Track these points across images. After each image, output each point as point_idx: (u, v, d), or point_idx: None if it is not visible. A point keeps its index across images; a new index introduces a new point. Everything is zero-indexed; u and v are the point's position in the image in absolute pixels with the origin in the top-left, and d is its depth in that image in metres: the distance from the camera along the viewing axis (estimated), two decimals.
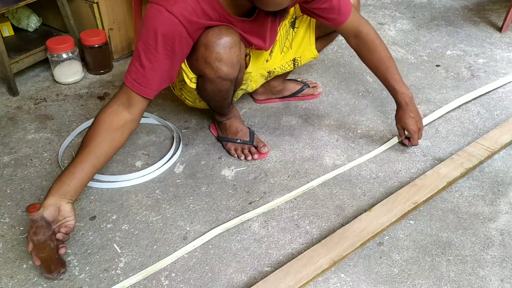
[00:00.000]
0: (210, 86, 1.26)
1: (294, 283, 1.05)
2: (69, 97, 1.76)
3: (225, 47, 1.15)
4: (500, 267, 1.14)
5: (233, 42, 1.16)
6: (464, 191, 1.35)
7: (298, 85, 1.73)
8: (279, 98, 1.72)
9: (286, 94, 1.71)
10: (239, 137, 1.47)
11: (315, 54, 1.52)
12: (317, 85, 1.77)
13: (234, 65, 1.20)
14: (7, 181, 1.38)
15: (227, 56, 1.17)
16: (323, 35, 1.50)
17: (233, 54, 1.18)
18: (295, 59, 1.51)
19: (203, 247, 1.19)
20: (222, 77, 1.21)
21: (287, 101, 1.73)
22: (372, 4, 2.54)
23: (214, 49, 1.15)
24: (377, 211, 1.23)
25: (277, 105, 1.72)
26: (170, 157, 1.44)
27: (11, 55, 1.74)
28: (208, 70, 1.19)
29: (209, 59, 1.17)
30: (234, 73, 1.22)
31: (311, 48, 1.50)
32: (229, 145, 1.47)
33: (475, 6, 2.49)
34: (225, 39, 1.15)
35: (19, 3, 1.67)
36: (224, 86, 1.25)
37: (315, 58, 1.53)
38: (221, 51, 1.15)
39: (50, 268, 1.08)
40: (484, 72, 1.91)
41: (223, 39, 1.14)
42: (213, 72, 1.19)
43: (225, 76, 1.21)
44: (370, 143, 1.54)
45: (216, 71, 1.19)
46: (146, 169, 1.39)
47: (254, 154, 1.45)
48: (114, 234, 1.22)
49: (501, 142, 1.47)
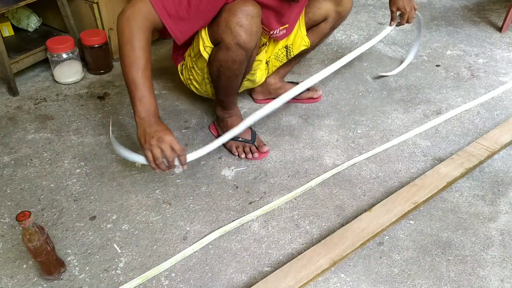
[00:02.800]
0: (224, 55, 1.25)
1: (294, 283, 1.05)
2: (69, 97, 1.76)
3: (247, 14, 1.18)
4: (500, 267, 1.14)
5: (256, 12, 1.20)
6: (464, 191, 1.35)
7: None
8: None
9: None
10: (241, 135, 1.46)
11: (306, 42, 1.53)
12: (317, 89, 1.76)
13: (253, 35, 1.22)
14: (7, 181, 1.38)
15: (248, 23, 1.19)
16: (312, 22, 1.52)
17: (254, 23, 1.20)
18: (287, 46, 1.52)
19: (203, 247, 1.19)
20: (240, 43, 1.21)
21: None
22: (372, 4, 2.54)
23: (237, 14, 1.18)
24: (377, 211, 1.23)
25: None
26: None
27: (11, 55, 1.74)
28: (227, 35, 1.20)
29: (231, 23, 1.18)
30: (251, 42, 1.23)
31: (302, 35, 1.51)
32: (231, 143, 1.47)
33: (475, 6, 2.49)
34: (249, 8, 1.18)
35: (19, 3, 1.67)
36: (238, 56, 1.25)
37: (307, 46, 1.54)
38: (243, 17, 1.18)
39: (50, 270, 1.08)
40: (484, 72, 1.91)
41: (248, 7, 1.18)
42: (232, 37, 1.20)
43: (243, 43, 1.21)
44: (370, 143, 1.54)
45: (235, 36, 1.20)
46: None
47: (254, 153, 1.45)
48: (114, 234, 1.22)
49: (501, 142, 1.47)
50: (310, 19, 1.51)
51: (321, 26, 1.54)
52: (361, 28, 2.28)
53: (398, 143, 1.53)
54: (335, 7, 1.50)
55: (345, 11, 1.53)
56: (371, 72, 1.92)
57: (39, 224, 1.03)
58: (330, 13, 1.51)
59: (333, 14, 1.51)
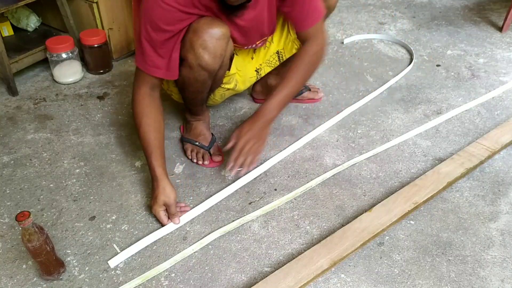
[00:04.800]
0: (188, 73, 1.24)
1: (294, 283, 1.04)
2: (68, 97, 1.76)
3: (212, 36, 1.16)
4: (501, 268, 1.13)
5: (221, 35, 1.17)
6: (464, 191, 1.35)
7: None
8: None
9: None
10: (199, 140, 1.46)
11: (297, 45, 1.48)
12: (318, 89, 1.75)
13: (217, 57, 1.20)
14: (7, 181, 1.38)
15: (212, 46, 1.17)
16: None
17: (218, 46, 1.18)
18: (278, 52, 1.49)
19: (203, 247, 1.18)
20: (202, 65, 1.20)
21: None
22: (372, 3, 2.54)
23: (202, 36, 1.15)
24: (377, 211, 1.23)
25: None
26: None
27: (11, 55, 1.74)
28: (190, 55, 1.19)
29: (194, 44, 1.17)
30: (214, 65, 1.21)
31: (292, 39, 1.46)
32: (187, 146, 1.47)
33: (476, 6, 2.49)
34: (215, 30, 1.16)
35: (19, 2, 1.67)
36: (201, 76, 1.24)
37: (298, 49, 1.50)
38: (207, 40, 1.16)
39: (49, 270, 1.08)
40: (484, 72, 1.91)
41: (213, 29, 1.16)
42: (195, 58, 1.19)
43: (205, 65, 1.20)
44: (370, 143, 1.54)
45: (197, 57, 1.18)
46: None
47: (205, 161, 1.43)
48: (113, 234, 1.22)
49: (502, 142, 1.47)
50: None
51: None
52: (361, 27, 2.28)
53: (399, 143, 1.53)
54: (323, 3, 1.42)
55: (333, 4, 1.46)
56: (371, 72, 1.92)
57: (38, 224, 1.02)
58: None
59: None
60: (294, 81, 1.29)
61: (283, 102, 1.29)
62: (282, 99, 1.28)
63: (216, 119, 1.64)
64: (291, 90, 1.29)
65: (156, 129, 1.24)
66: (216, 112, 1.67)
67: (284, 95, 1.28)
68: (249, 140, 1.25)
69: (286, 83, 1.28)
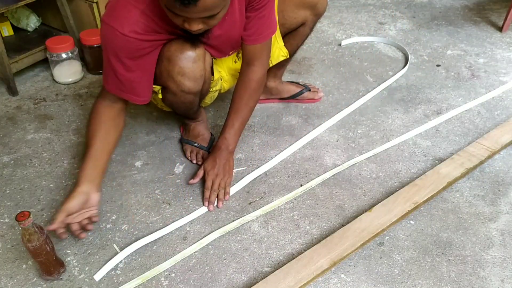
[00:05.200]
0: (173, 98, 1.25)
1: (294, 283, 1.04)
2: (68, 97, 1.76)
3: (188, 61, 1.14)
4: (501, 268, 1.13)
5: (196, 56, 1.15)
6: (464, 191, 1.35)
7: (298, 87, 1.70)
8: (278, 99, 1.71)
9: (284, 96, 1.70)
10: (198, 141, 1.47)
11: (285, 53, 1.47)
12: (318, 90, 1.74)
13: (198, 80, 1.18)
14: (7, 181, 1.38)
15: (189, 71, 1.15)
16: (289, 31, 1.45)
17: (196, 69, 1.16)
18: None
19: (203, 247, 1.18)
20: (185, 91, 1.19)
21: (286, 102, 1.72)
22: (372, 3, 2.54)
23: (177, 63, 1.13)
24: (377, 211, 1.23)
25: (277, 105, 1.71)
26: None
27: (11, 55, 1.74)
28: (170, 84, 1.18)
29: (172, 73, 1.15)
30: (197, 87, 1.21)
31: (280, 46, 1.45)
32: (186, 147, 1.47)
33: (476, 5, 2.49)
34: (189, 53, 1.13)
35: (19, 2, 1.67)
36: (187, 99, 1.24)
37: (285, 57, 1.48)
38: (184, 65, 1.14)
39: (49, 270, 1.08)
40: (484, 72, 1.91)
41: (186, 53, 1.13)
42: (176, 86, 1.18)
43: (187, 90, 1.19)
44: (370, 143, 1.54)
45: (178, 85, 1.17)
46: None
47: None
48: (114, 234, 1.22)
49: (502, 142, 1.47)
50: (287, 28, 1.44)
51: (300, 30, 1.46)
52: (361, 28, 2.28)
53: (399, 143, 1.53)
54: (311, 11, 1.42)
55: (322, 10, 1.44)
56: (371, 72, 1.92)
57: (38, 224, 1.02)
58: (307, 18, 1.43)
59: (310, 17, 1.43)
60: (245, 110, 1.34)
61: (239, 131, 1.35)
62: (238, 129, 1.34)
63: (216, 119, 1.64)
64: (244, 119, 1.35)
65: (102, 137, 1.18)
66: (216, 112, 1.67)
67: (239, 125, 1.34)
68: (215, 177, 1.30)
69: (239, 113, 1.33)
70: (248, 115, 1.36)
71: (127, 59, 1.09)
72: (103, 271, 1.12)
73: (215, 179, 1.31)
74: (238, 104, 1.33)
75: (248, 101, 1.33)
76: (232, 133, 1.33)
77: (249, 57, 1.28)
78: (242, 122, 1.35)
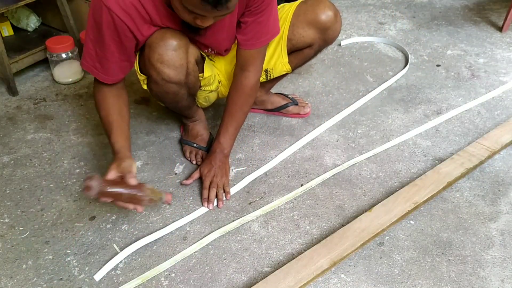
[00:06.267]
0: (156, 88, 1.24)
1: (294, 283, 1.04)
2: (68, 97, 1.76)
3: (168, 49, 1.14)
4: (501, 268, 1.13)
5: (177, 45, 1.14)
6: (464, 191, 1.35)
7: (284, 100, 1.63)
8: (262, 110, 1.65)
9: (268, 108, 1.63)
10: (197, 141, 1.46)
11: (287, 68, 1.43)
12: (307, 104, 1.65)
13: (178, 68, 1.18)
14: (7, 181, 1.38)
15: (169, 58, 1.15)
16: (295, 49, 1.41)
17: (175, 57, 1.15)
18: (267, 70, 1.44)
19: (203, 247, 1.18)
20: (165, 79, 1.19)
21: (271, 114, 1.65)
22: (372, 3, 2.54)
23: (157, 50, 1.14)
24: (377, 211, 1.23)
25: None
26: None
27: (11, 55, 1.74)
28: (151, 71, 1.18)
29: (152, 60, 1.15)
30: (178, 76, 1.19)
31: (283, 61, 1.41)
32: (185, 147, 1.47)
33: (476, 5, 2.49)
34: (169, 41, 1.13)
35: (19, 2, 1.67)
36: (170, 89, 1.23)
37: (288, 72, 1.46)
38: (163, 53, 1.14)
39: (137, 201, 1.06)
40: (484, 72, 1.91)
41: (167, 41, 1.13)
42: (156, 74, 1.18)
43: (168, 78, 1.18)
44: (370, 143, 1.54)
45: (158, 72, 1.17)
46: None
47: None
48: (113, 234, 1.22)
49: (502, 142, 1.47)
50: (293, 45, 1.40)
51: (305, 51, 1.43)
52: (361, 28, 2.28)
53: (399, 143, 1.53)
54: (320, 35, 1.37)
55: (332, 38, 1.41)
56: (371, 72, 1.92)
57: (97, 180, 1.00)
58: (315, 41, 1.39)
59: (318, 41, 1.39)
60: (240, 114, 1.35)
61: (233, 135, 1.37)
62: (232, 133, 1.36)
63: (216, 119, 1.64)
64: (238, 123, 1.36)
65: (116, 112, 1.19)
66: (216, 112, 1.67)
67: (233, 129, 1.35)
68: (212, 178, 1.32)
69: (233, 117, 1.34)
70: (243, 119, 1.37)
71: (107, 36, 1.10)
72: (103, 271, 1.12)
73: (212, 180, 1.31)
74: (233, 108, 1.34)
75: (242, 106, 1.34)
76: (227, 138, 1.35)
77: (243, 62, 1.28)
78: (236, 127, 1.36)
